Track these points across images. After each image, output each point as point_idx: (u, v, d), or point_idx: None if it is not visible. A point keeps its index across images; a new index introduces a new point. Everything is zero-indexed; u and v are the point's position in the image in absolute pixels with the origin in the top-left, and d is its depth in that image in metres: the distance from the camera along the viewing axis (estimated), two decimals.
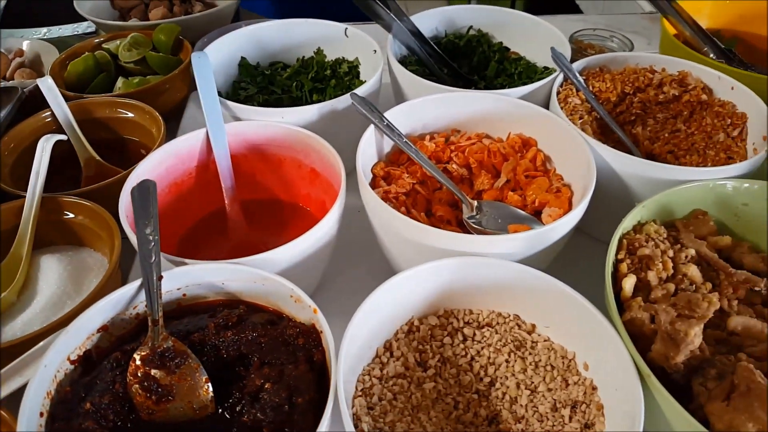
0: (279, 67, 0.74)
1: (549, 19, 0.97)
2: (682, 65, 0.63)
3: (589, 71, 0.65)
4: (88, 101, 0.68)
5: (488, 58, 0.75)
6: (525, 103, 0.58)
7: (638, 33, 0.97)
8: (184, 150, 0.57)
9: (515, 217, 0.53)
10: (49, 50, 0.82)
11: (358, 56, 0.73)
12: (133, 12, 0.91)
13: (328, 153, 0.56)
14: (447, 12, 0.76)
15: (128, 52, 0.77)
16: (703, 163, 0.59)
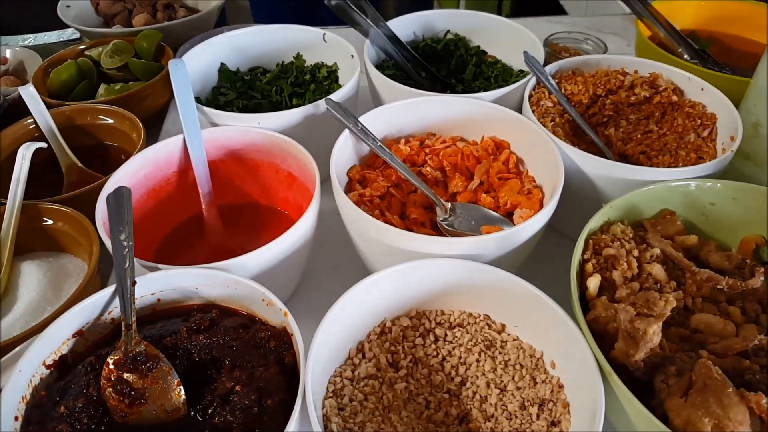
0: (259, 72, 0.75)
1: (531, 22, 0.99)
2: (654, 67, 0.64)
3: (562, 74, 0.66)
4: (70, 108, 0.69)
5: (466, 62, 0.76)
6: (498, 107, 0.59)
7: (618, 35, 0.98)
8: (162, 156, 0.58)
9: (488, 219, 0.54)
10: (33, 57, 0.83)
11: (337, 61, 0.74)
12: (117, 18, 0.92)
13: (304, 157, 0.56)
14: (424, 17, 0.77)
15: (110, 58, 0.78)
16: (675, 163, 0.60)
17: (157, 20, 0.91)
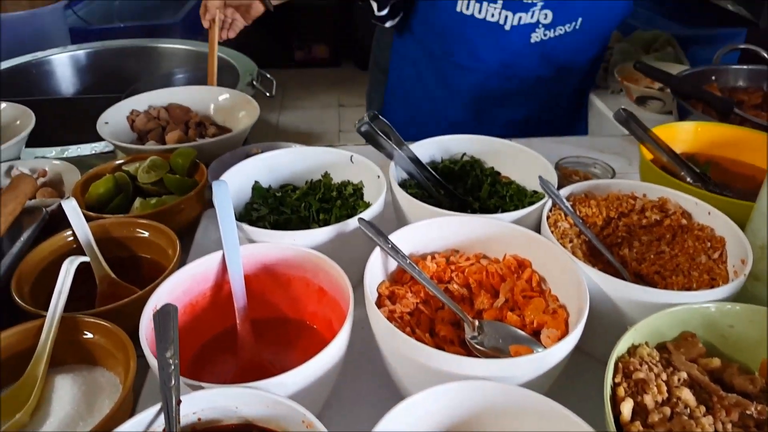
0: (289, 189, 0.79)
1: (536, 142, 1.06)
2: (662, 192, 0.69)
3: (575, 197, 0.70)
4: (108, 222, 0.73)
5: (481, 182, 0.81)
6: (518, 227, 0.63)
7: (619, 154, 1.04)
8: (200, 272, 0.60)
9: (515, 338, 0.55)
10: (71, 170, 0.87)
11: (363, 179, 0.79)
12: (151, 135, 0.98)
13: (336, 273, 0.59)
14: (443, 141, 0.83)
15: (147, 174, 0.82)
16: (689, 283, 0.62)
17: (189, 137, 0.97)
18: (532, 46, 1.05)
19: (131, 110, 1.00)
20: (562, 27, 1.03)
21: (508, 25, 1.03)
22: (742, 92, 1.12)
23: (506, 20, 1.02)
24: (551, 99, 1.18)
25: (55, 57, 1.41)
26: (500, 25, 1.03)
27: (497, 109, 1.17)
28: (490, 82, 1.13)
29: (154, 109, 1.01)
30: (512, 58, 1.08)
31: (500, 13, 1.02)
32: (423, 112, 1.25)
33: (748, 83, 1.14)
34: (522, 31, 1.03)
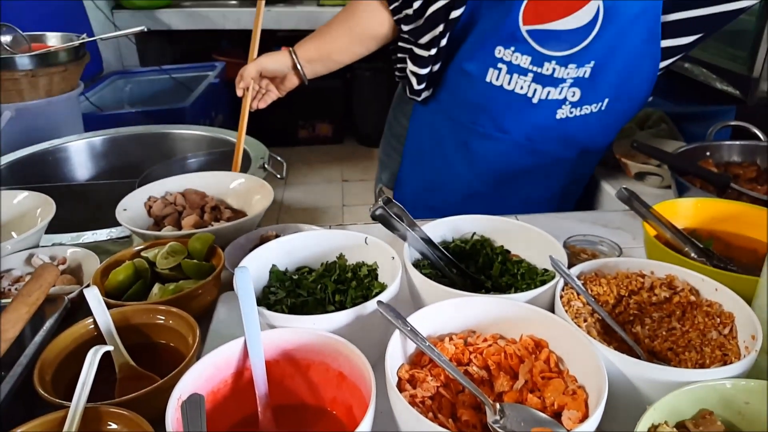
0: (305, 271, 0.81)
1: (541, 218, 1.08)
2: (669, 269, 0.71)
3: (586, 276, 0.72)
4: (130, 309, 0.74)
5: (492, 260, 0.83)
6: (533, 307, 0.65)
7: (622, 229, 1.07)
8: (222, 360, 0.61)
9: (537, 421, 0.56)
10: (90, 257, 0.89)
11: (377, 260, 0.81)
12: (167, 220, 1.01)
13: (356, 358, 0.60)
14: (453, 221, 0.86)
15: (165, 259, 0.84)
16: (702, 360, 0.63)
17: (205, 221, 1.00)
18: (558, 122, 1.07)
19: (149, 196, 1.03)
20: (589, 106, 1.06)
21: (536, 98, 1.05)
22: (736, 167, 1.17)
23: (534, 93, 1.04)
24: (570, 180, 1.21)
25: (72, 144, 1.47)
26: (528, 98, 1.05)
27: (517, 182, 1.19)
28: (513, 154, 1.14)
29: (171, 195, 1.04)
30: (537, 132, 1.10)
31: (529, 86, 1.04)
32: (441, 180, 1.25)
33: (742, 158, 1.18)
34: (549, 106, 1.05)
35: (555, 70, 1.01)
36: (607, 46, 1.00)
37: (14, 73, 1.61)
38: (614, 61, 1.01)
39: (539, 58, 1.01)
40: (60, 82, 1.74)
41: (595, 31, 0.97)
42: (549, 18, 0.98)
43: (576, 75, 1.02)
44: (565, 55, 1.00)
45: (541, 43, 1.00)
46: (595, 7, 0.96)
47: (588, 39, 0.98)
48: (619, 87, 1.05)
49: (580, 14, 0.96)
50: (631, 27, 0.99)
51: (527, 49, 1.01)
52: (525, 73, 1.03)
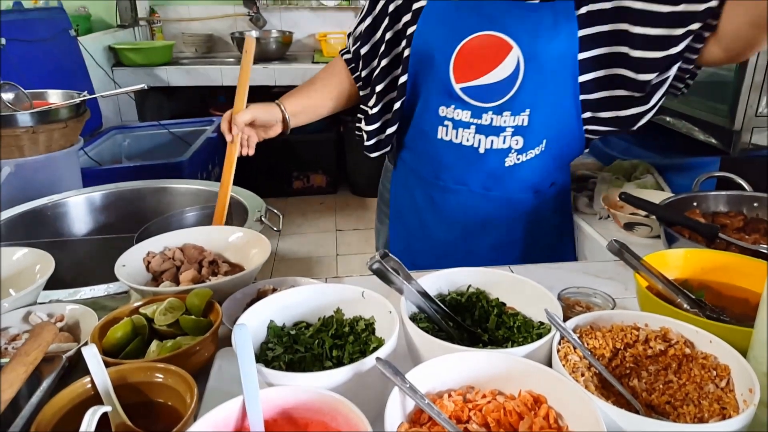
0: (303, 326, 0.82)
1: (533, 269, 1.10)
2: (662, 321, 0.72)
3: (581, 329, 0.73)
4: (127, 367, 0.74)
5: (488, 313, 0.84)
6: (531, 362, 0.65)
7: (614, 279, 1.08)
8: (221, 419, 0.61)
9: None
10: (88, 314, 0.89)
11: (374, 314, 0.82)
12: (165, 275, 1.01)
13: (355, 417, 0.60)
14: (448, 274, 0.87)
15: (164, 315, 0.85)
16: (700, 413, 0.64)
17: (203, 276, 1.01)
18: (508, 169, 1.14)
19: (148, 252, 1.04)
20: (532, 150, 1.13)
21: (482, 148, 1.12)
22: (723, 216, 1.19)
23: (480, 143, 1.12)
24: (532, 221, 1.25)
25: (70, 199, 1.48)
26: (475, 149, 1.12)
27: (483, 230, 1.24)
28: (473, 203, 1.21)
29: (169, 250, 1.05)
30: (490, 180, 1.16)
31: (474, 137, 1.11)
32: (418, 238, 1.32)
33: (728, 208, 1.21)
34: (497, 155, 1.12)
35: (493, 119, 1.09)
36: (535, 90, 1.06)
37: (15, 130, 1.65)
38: (544, 102, 1.08)
39: (477, 110, 1.09)
40: (60, 138, 1.77)
41: (520, 78, 1.05)
42: (477, 75, 1.06)
43: (515, 123, 1.09)
44: (498, 105, 1.08)
45: (475, 98, 1.08)
46: (515, 58, 1.03)
47: (515, 87, 1.06)
48: (555, 126, 1.12)
49: (502, 66, 1.04)
50: (553, 69, 1.05)
51: (465, 105, 1.09)
52: (468, 126, 1.11)
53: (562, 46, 1.03)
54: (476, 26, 1.04)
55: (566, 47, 1.04)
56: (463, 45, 1.05)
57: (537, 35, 1.02)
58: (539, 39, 1.02)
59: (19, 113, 1.65)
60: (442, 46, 1.08)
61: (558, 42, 1.03)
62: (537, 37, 1.02)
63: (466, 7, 1.05)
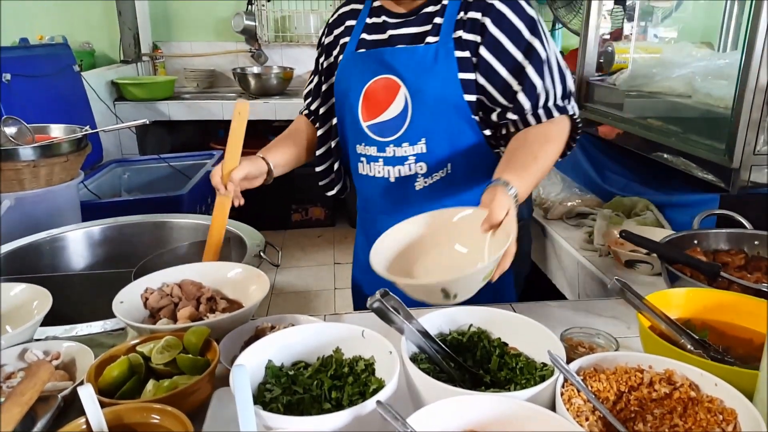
0: (301, 366, 0.80)
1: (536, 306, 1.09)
2: (667, 363, 0.71)
3: (585, 371, 0.72)
4: (123, 408, 0.72)
5: (490, 353, 0.83)
6: (534, 407, 0.64)
7: (617, 318, 1.08)
8: None
9: None
10: (84, 352, 0.88)
11: (374, 354, 0.80)
12: (163, 311, 1.00)
13: None
14: (450, 313, 0.87)
15: (161, 354, 0.84)
16: None
17: (201, 313, 1.00)
18: (420, 192, 1.23)
19: (146, 288, 1.03)
20: (437, 173, 1.21)
21: (392, 177, 1.23)
22: (724, 254, 1.19)
23: (389, 174, 1.23)
24: None
25: (69, 233, 1.48)
26: (387, 179, 1.24)
27: None
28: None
29: (167, 286, 1.04)
30: (405, 204, 1.24)
31: (383, 169, 1.23)
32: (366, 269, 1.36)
33: (729, 246, 1.21)
34: (405, 181, 1.22)
35: (395, 151, 1.21)
36: (426, 120, 1.18)
37: (17, 164, 1.65)
38: (438, 129, 1.18)
39: (381, 145, 1.22)
40: (61, 172, 1.77)
41: (410, 113, 1.18)
42: (377, 113, 1.21)
43: (415, 152, 1.20)
44: (396, 138, 1.20)
45: (378, 134, 1.21)
46: (404, 95, 1.17)
47: (407, 120, 1.18)
48: (455, 147, 1.20)
49: (395, 104, 1.18)
50: (438, 97, 1.16)
51: (371, 141, 1.23)
52: (377, 160, 1.23)
53: (442, 77, 1.15)
54: (376, 71, 1.20)
55: (446, 77, 1.15)
56: (367, 88, 1.21)
57: (419, 73, 1.16)
58: (421, 75, 1.15)
59: (21, 147, 1.66)
60: (353, 90, 1.23)
61: (437, 74, 1.15)
62: (419, 74, 1.15)
63: (369, 56, 1.22)
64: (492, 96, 1.16)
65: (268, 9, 3.97)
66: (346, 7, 1.32)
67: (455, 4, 1.16)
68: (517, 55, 1.13)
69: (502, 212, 0.91)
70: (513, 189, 0.95)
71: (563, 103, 1.17)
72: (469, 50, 1.14)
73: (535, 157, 1.08)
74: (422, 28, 1.18)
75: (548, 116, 1.15)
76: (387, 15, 1.24)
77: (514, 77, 1.13)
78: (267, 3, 3.96)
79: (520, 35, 1.12)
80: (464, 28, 1.14)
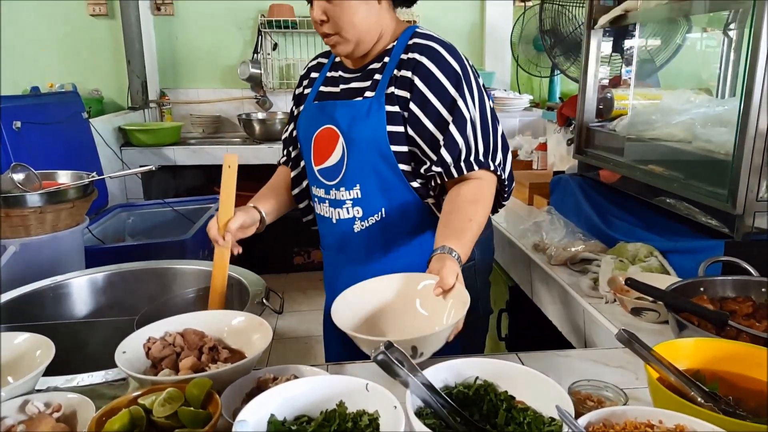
0: (304, 421, 0.79)
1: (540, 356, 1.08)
2: (677, 418, 0.70)
3: (594, 427, 0.71)
4: None
5: (497, 407, 0.81)
6: None
7: (624, 368, 1.06)
8: None
9: None
10: (86, 404, 0.87)
11: (378, 408, 0.79)
12: (165, 362, 0.99)
13: None
14: (455, 365, 0.85)
15: (162, 407, 0.82)
16: None
17: (203, 362, 0.99)
18: (358, 234, 1.33)
19: (148, 337, 1.02)
20: (372, 217, 1.31)
21: (334, 219, 1.34)
22: (732, 302, 1.18)
23: (332, 215, 1.34)
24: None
25: (73, 280, 1.48)
26: (329, 218, 1.35)
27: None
28: (342, 264, 1.39)
29: (170, 335, 1.04)
30: (347, 243, 1.35)
31: (329, 209, 1.35)
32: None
33: (736, 293, 1.20)
34: (346, 223, 1.33)
35: (336, 194, 1.32)
36: (360, 167, 1.28)
37: (23, 210, 1.67)
38: (370, 176, 1.28)
39: (327, 188, 1.34)
40: (66, 218, 1.79)
41: (346, 159, 1.28)
42: (324, 158, 1.32)
43: (351, 196, 1.30)
44: (337, 182, 1.31)
45: (325, 177, 1.33)
46: (341, 144, 1.28)
47: (344, 166, 1.29)
48: (386, 195, 1.29)
49: (335, 151, 1.30)
50: (369, 147, 1.26)
51: (321, 184, 1.35)
52: (324, 201, 1.35)
53: (372, 128, 1.25)
54: (323, 121, 1.31)
55: (376, 129, 1.24)
56: (316, 135, 1.33)
57: (353, 124, 1.26)
58: (354, 126, 1.26)
59: (28, 194, 1.67)
60: (306, 138, 1.36)
61: (368, 125, 1.25)
62: (353, 125, 1.26)
63: (321, 107, 1.34)
64: (422, 148, 1.25)
65: (273, 58, 4.07)
66: (314, 61, 1.46)
67: (393, 63, 1.26)
68: (441, 110, 1.22)
69: (452, 277, 1.01)
70: (455, 253, 1.08)
71: (485, 159, 1.25)
72: (399, 105, 1.24)
73: (470, 219, 1.17)
74: (364, 83, 1.30)
75: (469, 169, 1.23)
76: (343, 70, 1.36)
77: (439, 131, 1.22)
78: (272, 52, 4.06)
79: (445, 91, 1.22)
80: (395, 85, 1.24)
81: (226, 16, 4.02)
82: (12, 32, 3.88)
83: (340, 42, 1.25)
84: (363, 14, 1.23)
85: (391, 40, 1.30)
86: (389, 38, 1.30)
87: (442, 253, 1.07)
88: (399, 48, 1.27)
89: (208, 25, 4.03)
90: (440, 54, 1.23)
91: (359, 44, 1.26)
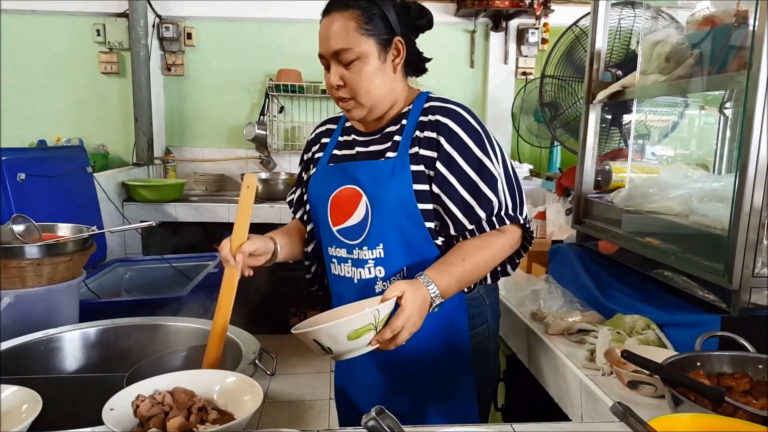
0: None
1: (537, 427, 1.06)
2: None
3: None
4: None
5: None
6: None
7: None
8: None
9: None
10: None
11: None
12: (153, 421, 0.97)
13: None
14: None
15: None
16: None
17: (191, 423, 0.97)
18: (380, 294, 1.27)
19: (137, 395, 1.01)
20: (394, 277, 1.31)
21: (356, 278, 1.34)
22: (728, 378, 1.17)
23: (353, 274, 1.34)
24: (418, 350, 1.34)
25: (65, 334, 1.46)
26: (351, 279, 1.35)
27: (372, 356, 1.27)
28: None
29: (159, 393, 1.02)
30: None
31: (350, 270, 1.34)
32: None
33: (733, 369, 1.19)
34: (367, 283, 1.33)
35: (359, 254, 1.32)
36: (384, 227, 1.29)
37: (21, 261, 1.67)
38: (395, 236, 1.29)
39: (349, 247, 1.33)
40: (64, 271, 1.79)
41: (370, 218, 1.29)
42: (344, 218, 1.33)
43: (374, 256, 1.30)
44: (359, 242, 1.31)
45: (346, 237, 1.33)
46: (365, 203, 1.29)
47: (368, 226, 1.30)
48: (410, 254, 1.30)
49: (358, 211, 1.31)
50: (394, 206, 1.28)
51: (342, 244, 1.34)
52: (346, 261, 1.35)
53: (398, 188, 1.27)
54: (342, 182, 1.33)
55: (401, 188, 1.27)
56: (334, 196, 1.34)
57: (377, 183, 1.28)
58: (379, 186, 1.28)
59: (27, 245, 1.68)
60: (322, 198, 1.37)
61: (394, 185, 1.27)
62: (378, 185, 1.28)
63: (337, 169, 1.37)
64: (446, 205, 1.28)
65: (279, 120, 4.18)
66: (322, 127, 1.51)
67: (412, 125, 1.31)
68: (467, 169, 1.26)
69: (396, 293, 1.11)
70: (432, 285, 1.15)
71: (514, 213, 1.30)
72: (424, 164, 1.28)
73: (463, 259, 1.22)
74: (383, 145, 1.34)
75: (501, 224, 1.28)
76: (356, 134, 1.40)
77: (468, 192, 1.26)
78: (279, 114, 4.17)
79: (470, 151, 1.27)
80: (420, 145, 1.28)
81: (234, 79, 4.16)
82: (23, 86, 4.00)
83: (355, 107, 1.30)
84: (379, 82, 1.28)
85: (405, 104, 1.36)
86: (403, 103, 1.36)
87: (417, 278, 1.15)
88: (416, 111, 1.32)
89: (216, 86, 4.16)
90: (461, 115, 1.29)
91: (373, 109, 1.31)
